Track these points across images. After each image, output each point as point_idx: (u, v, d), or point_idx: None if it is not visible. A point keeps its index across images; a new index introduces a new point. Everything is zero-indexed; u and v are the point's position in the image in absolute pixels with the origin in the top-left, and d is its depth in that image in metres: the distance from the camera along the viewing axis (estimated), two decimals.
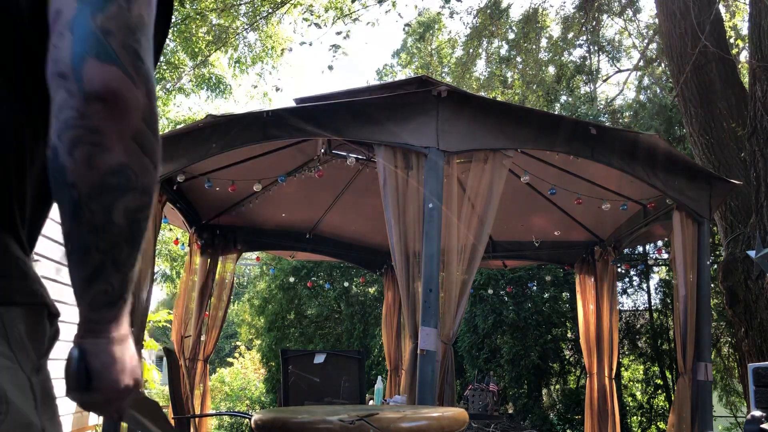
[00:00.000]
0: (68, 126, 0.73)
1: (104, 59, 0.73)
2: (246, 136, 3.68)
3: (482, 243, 3.55)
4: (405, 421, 1.44)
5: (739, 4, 8.41)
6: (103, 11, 0.75)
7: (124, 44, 0.75)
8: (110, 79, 0.73)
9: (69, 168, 0.73)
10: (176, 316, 5.27)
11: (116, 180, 0.75)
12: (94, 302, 0.79)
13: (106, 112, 0.73)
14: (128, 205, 0.77)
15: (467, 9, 23.51)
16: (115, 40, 0.74)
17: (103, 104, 0.73)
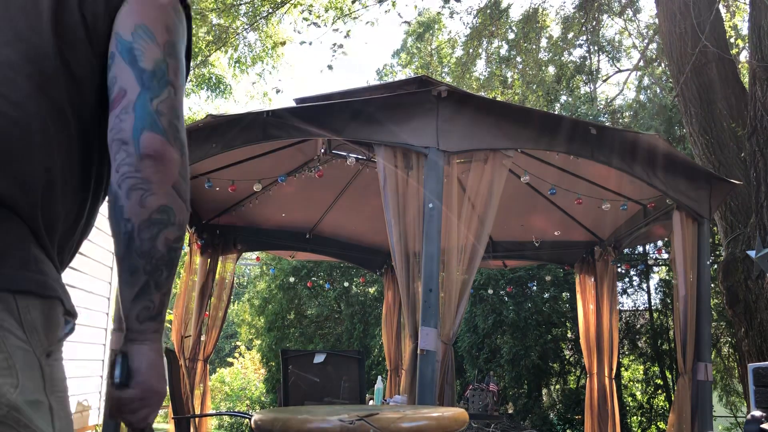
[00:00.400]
0: (126, 177, 0.98)
1: (156, 132, 1.00)
2: (246, 136, 3.68)
3: (482, 243, 3.55)
4: (405, 421, 1.44)
5: (739, 4, 8.42)
6: (159, 97, 1.03)
7: (170, 122, 1.03)
8: (158, 146, 1.00)
9: (126, 207, 0.98)
10: (176, 316, 5.27)
11: (160, 217, 0.99)
12: (140, 316, 0.99)
13: (153, 168, 0.99)
14: (168, 237, 1.00)
15: (467, 9, 23.50)
16: (165, 119, 1.02)
17: (152, 161, 0.99)
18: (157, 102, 1.02)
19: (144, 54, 1.03)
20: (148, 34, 1.05)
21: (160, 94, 1.02)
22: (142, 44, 1.04)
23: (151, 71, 1.03)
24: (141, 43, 1.04)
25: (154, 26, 1.06)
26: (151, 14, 1.06)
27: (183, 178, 1.02)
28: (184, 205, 1.03)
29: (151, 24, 1.05)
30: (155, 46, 1.04)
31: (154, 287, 1.00)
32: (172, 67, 1.05)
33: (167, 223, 1.00)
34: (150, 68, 1.03)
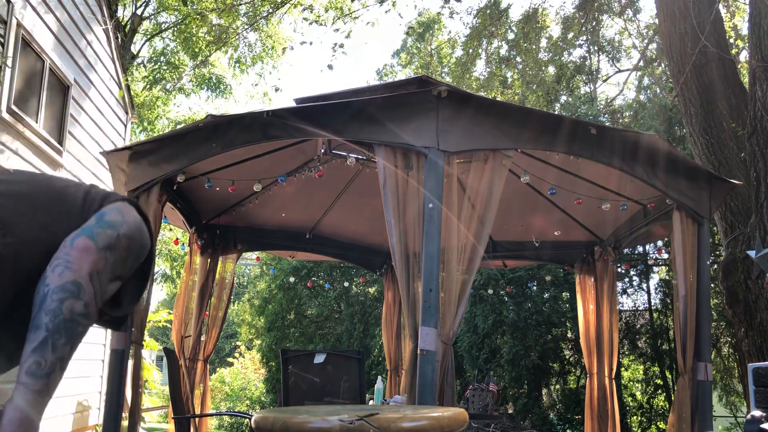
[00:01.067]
0: (56, 259, 1.19)
1: (88, 237, 1.23)
2: (246, 136, 3.68)
3: (482, 243, 3.55)
4: (405, 421, 1.44)
5: (739, 4, 8.42)
6: (101, 227, 1.27)
7: (103, 241, 1.25)
8: (87, 243, 1.22)
9: (49, 277, 1.16)
10: (176, 316, 5.26)
11: (72, 288, 1.16)
12: (29, 368, 1.09)
13: (78, 254, 1.19)
14: (74, 307, 1.15)
15: (467, 9, 23.48)
16: (101, 237, 1.25)
17: (78, 252, 1.20)
18: (98, 229, 1.27)
19: (110, 214, 1.33)
20: (118, 211, 1.36)
21: (102, 228, 1.28)
22: (113, 212, 1.34)
23: (106, 219, 1.31)
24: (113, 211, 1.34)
25: (124, 210, 1.37)
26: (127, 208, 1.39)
27: (99, 279, 1.22)
28: (93, 296, 1.19)
29: (123, 209, 1.37)
30: (120, 216, 1.35)
31: (51, 348, 1.11)
32: (124, 230, 1.32)
33: (76, 295, 1.16)
34: (106, 218, 1.31)
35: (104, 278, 1.25)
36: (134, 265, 1.41)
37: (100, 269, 1.24)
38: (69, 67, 6.28)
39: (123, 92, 7.94)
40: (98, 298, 1.22)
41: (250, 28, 11.01)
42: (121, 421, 3.84)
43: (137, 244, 1.37)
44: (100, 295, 1.23)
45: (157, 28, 14.46)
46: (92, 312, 1.20)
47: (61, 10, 6.11)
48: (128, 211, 1.40)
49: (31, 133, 5.51)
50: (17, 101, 5.27)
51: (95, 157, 7.07)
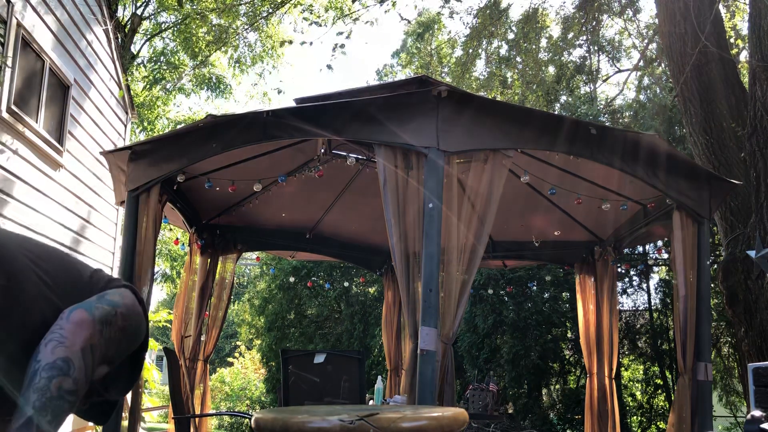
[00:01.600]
0: (50, 333, 1.20)
1: (86, 310, 1.26)
2: (246, 136, 3.68)
3: (482, 243, 3.55)
4: (405, 421, 1.44)
5: (739, 4, 8.41)
6: (101, 303, 1.32)
7: (102, 314, 1.28)
8: (83, 316, 1.24)
9: (41, 352, 1.18)
10: (176, 316, 5.26)
11: (62, 365, 1.17)
12: None
13: (72, 329, 1.21)
14: (62, 384, 1.16)
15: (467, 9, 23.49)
16: (99, 311, 1.28)
17: (72, 325, 1.21)
18: (98, 304, 1.31)
19: (111, 294, 1.38)
20: (120, 294, 1.41)
21: (101, 304, 1.32)
22: (114, 293, 1.39)
23: (107, 298, 1.35)
24: (114, 293, 1.40)
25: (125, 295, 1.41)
26: (127, 293, 1.46)
27: (92, 353, 1.23)
28: (84, 372, 1.20)
29: (124, 293, 1.42)
30: (120, 298, 1.40)
31: (36, 427, 1.12)
32: (122, 311, 1.35)
33: (65, 372, 1.17)
34: (107, 297, 1.36)
35: (97, 353, 1.25)
36: (126, 350, 1.43)
37: (95, 343, 1.25)
38: (69, 67, 6.28)
39: (123, 92, 7.94)
40: (89, 373, 1.23)
41: (250, 28, 11.01)
42: (121, 421, 3.84)
43: (132, 327, 1.40)
44: (92, 369, 1.24)
45: (157, 28, 14.46)
46: (81, 388, 1.20)
47: (61, 10, 6.11)
48: (128, 296, 1.44)
49: (31, 133, 5.51)
50: (17, 101, 5.27)
51: (95, 157, 7.07)
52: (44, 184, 5.85)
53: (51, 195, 5.98)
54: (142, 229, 3.89)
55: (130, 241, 3.87)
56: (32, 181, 5.62)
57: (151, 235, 3.90)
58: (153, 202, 3.92)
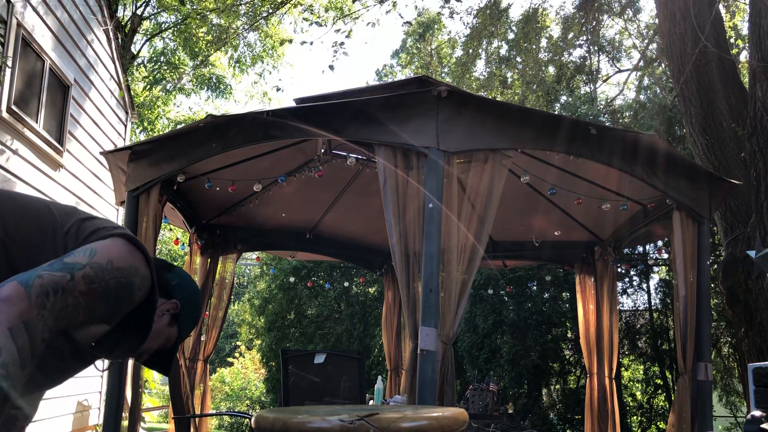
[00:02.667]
0: None
1: (20, 283, 1.15)
2: (246, 136, 3.68)
3: (482, 243, 3.55)
4: (405, 421, 1.44)
5: (739, 4, 8.42)
6: (50, 271, 1.19)
7: (42, 286, 1.16)
8: (11, 291, 1.13)
9: None
10: None
11: None
12: None
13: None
14: None
15: (467, 9, 23.48)
16: (38, 282, 1.16)
17: (0, 302, 1.12)
18: (44, 272, 1.19)
19: (75, 255, 1.26)
20: (91, 251, 1.27)
21: (51, 270, 1.20)
22: (80, 252, 1.27)
23: (64, 261, 1.23)
24: (80, 252, 1.27)
25: (101, 250, 1.28)
26: (107, 245, 1.30)
27: (28, 330, 1.12)
28: (15, 354, 1.09)
29: (100, 248, 1.28)
30: (88, 257, 1.26)
31: None
32: (86, 272, 1.23)
33: None
34: (66, 259, 1.24)
35: (40, 328, 1.14)
36: (119, 308, 1.32)
37: (31, 318, 1.13)
38: (69, 67, 6.28)
39: (123, 92, 7.94)
40: (27, 353, 1.13)
41: (250, 28, 11.01)
42: (121, 421, 3.84)
43: (113, 285, 1.27)
44: (32, 346, 1.13)
45: (157, 28, 14.47)
46: (13, 372, 1.10)
47: (61, 10, 6.11)
48: (109, 250, 1.30)
49: (31, 133, 5.51)
50: (17, 101, 5.27)
51: (95, 157, 7.07)
52: (44, 184, 5.85)
53: (51, 195, 5.98)
54: (142, 229, 3.89)
55: None
56: (32, 181, 5.62)
57: (151, 235, 3.90)
58: (153, 202, 3.93)
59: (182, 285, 1.58)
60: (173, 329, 1.55)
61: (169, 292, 1.54)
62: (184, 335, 1.60)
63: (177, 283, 1.57)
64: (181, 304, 1.55)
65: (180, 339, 1.59)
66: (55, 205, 1.42)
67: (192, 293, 1.60)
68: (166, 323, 1.52)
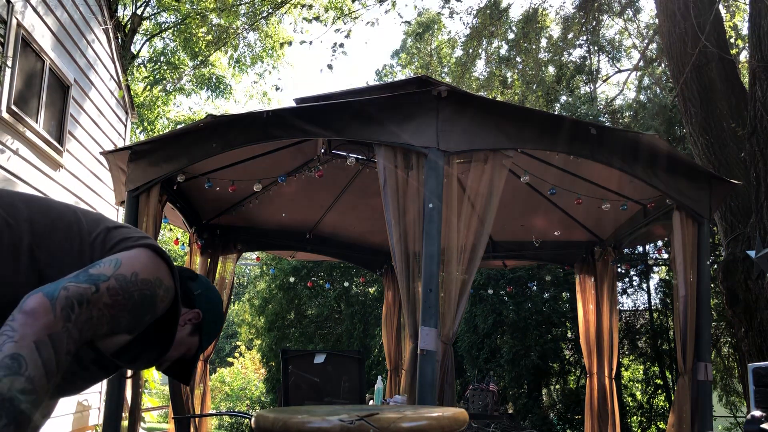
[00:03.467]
0: (5, 323, 1.09)
1: (45, 295, 1.13)
2: (246, 136, 3.68)
3: (482, 243, 3.54)
4: (405, 421, 1.44)
5: (739, 4, 8.41)
6: (74, 282, 1.17)
7: (68, 298, 1.14)
8: (37, 304, 1.11)
9: None
10: None
11: (11, 362, 1.05)
12: None
13: (23, 320, 1.09)
14: (13, 385, 1.04)
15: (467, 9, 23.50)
16: (64, 293, 1.14)
17: (24, 316, 1.09)
18: (69, 283, 1.17)
19: (100, 266, 1.24)
20: (116, 262, 1.26)
21: (77, 282, 1.18)
22: (105, 263, 1.26)
23: (90, 272, 1.22)
24: (106, 262, 1.26)
25: (125, 261, 1.27)
26: (132, 256, 1.30)
27: (54, 343, 1.10)
28: (42, 367, 1.08)
29: (125, 260, 1.28)
30: (113, 268, 1.25)
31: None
32: (111, 284, 1.22)
33: (15, 371, 1.04)
34: (92, 270, 1.22)
35: (64, 341, 1.12)
36: (142, 319, 1.32)
37: (57, 331, 1.12)
38: (69, 67, 6.28)
39: (123, 92, 7.94)
40: (53, 365, 1.11)
41: (250, 28, 11.00)
42: (121, 421, 3.84)
43: (138, 297, 1.27)
44: (58, 360, 1.11)
45: (157, 28, 14.47)
46: (39, 386, 1.08)
47: (61, 10, 6.11)
48: (134, 261, 1.29)
49: (31, 133, 5.51)
50: (17, 101, 5.27)
51: (95, 157, 7.07)
52: (44, 185, 5.85)
53: (51, 195, 5.98)
54: (142, 229, 3.89)
55: None
56: (32, 181, 5.62)
57: (151, 235, 3.90)
58: (153, 202, 3.92)
59: (206, 295, 1.59)
60: (194, 339, 1.55)
61: (192, 302, 1.54)
62: (206, 345, 1.59)
63: (201, 292, 1.57)
64: (203, 314, 1.55)
65: (201, 349, 1.59)
66: (83, 211, 1.41)
67: (215, 304, 1.61)
68: (188, 333, 1.53)
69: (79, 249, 1.30)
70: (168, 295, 1.36)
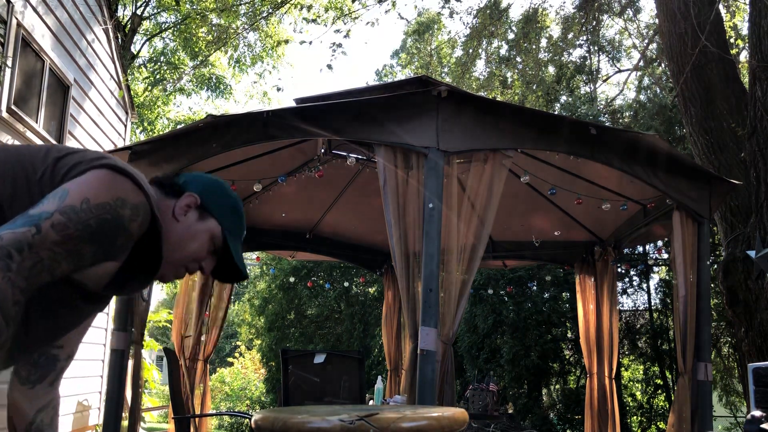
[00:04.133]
0: None
1: None
2: (246, 136, 3.68)
3: (482, 243, 3.54)
4: (405, 421, 1.44)
5: (739, 4, 8.41)
6: (13, 226, 1.09)
7: (2, 247, 1.05)
8: None
9: None
10: (176, 316, 5.26)
11: None
12: None
13: None
14: None
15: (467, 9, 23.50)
16: (3, 240, 1.06)
17: None
18: (4, 232, 1.08)
19: (43, 203, 1.13)
20: (62, 194, 1.14)
21: (13, 228, 1.08)
22: (49, 198, 1.14)
23: (29, 213, 1.11)
24: (50, 198, 1.14)
25: (74, 190, 1.15)
26: (82, 182, 1.17)
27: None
28: None
29: (73, 188, 1.15)
30: (58, 201, 1.13)
31: None
32: (56, 219, 1.10)
33: None
34: (32, 211, 1.11)
35: (14, 290, 1.06)
36: (115, 245, 1.20)
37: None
38: (69, 67, 6.28)
39: (123, 92, 7.94)
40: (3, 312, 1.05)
41: (250, 28, 11.01)
42: (121, 421, 3.84)
43: (95, 225, 1.15)
44: (9, 310, 1.06)
45: (157, 28, 14.47)
46: None
47: (61, 10, 6.11)
48: (83, 187, 1.17)
49: (31, 133, 5.51)
50: (17, 101, 5.27)
51: None
52: None
53: None
54: None
55: None
56: None
57: None
58: None
59: (194, 180, 1.44)
60: (209, 222, 1.39)
61: (179, 193, 1.40)
62: (227, 222, 1.42)
63: (186, 180, 1.43)
64: (200, 194, 1.40)
65: (225, 228, 1.41)
66: (29, 148, 1.29)
67: (209, 181, 1.45)
68: (195, 219, 1.38)
69: (28, 192, 1.19)
70: (140, 212, 1.22)
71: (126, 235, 1.21)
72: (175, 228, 1.36)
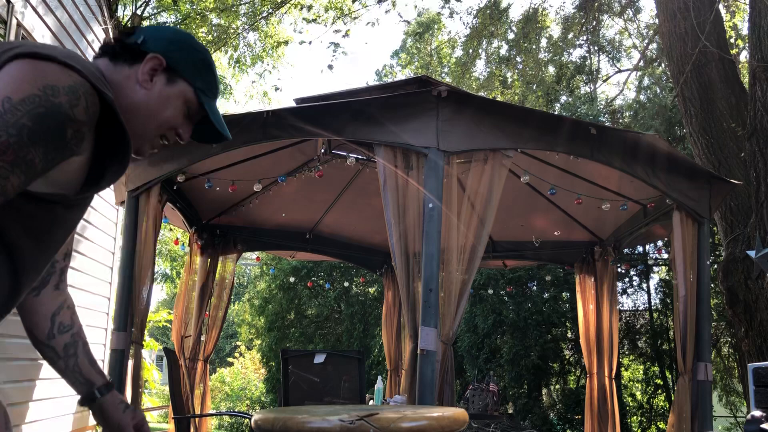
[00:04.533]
0: None
1: None
2: (246, 136, 3.68)
3: (482, 243, 3.55)
4: (405, 421, 1.44)
5: (739, 4, 8.41)
6: None
7: None
8: None
9: None
10: (176, 316, 5.26)
11: None
12: None
13: None
14: None
15: (467, 9, 23.51)
16: None
17: None
18: None
19: None
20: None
21: None
22: None
23: None
24: None
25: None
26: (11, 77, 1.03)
27: None
28: None
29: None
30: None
31: None
32: None
33: None
34: None
35: None
36: (64, 137, 1.04)
37: None
38: None
39: None
40: None
41: (250, 28, 11.01)
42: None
43: (30, 123, 0.99)
44: None
45: None
46: None
47: (61, 10, 6.11)
48: (2, 86, 1.00)
49: None
50: None
51: None
52: None
53: None
54: (142, 229, 3.89)
55: (130, 241, 3.87)
56: None
57: (151, 235, 3.90)
58: (153, 202, 3.93)
59: (154, 36, 1.25)
60: (179, 85, 1.25)
61: (140, 55, 1.22)
62: (199, 82, 1.27)
63: (145, 38, 1.24)
64: (163, 55, 1.23)
65: (198, 89, 1.27)
66: None
67: (172, 36, 1.27)
68: (163, 84, 1.23)
69: None
70: (82, 93, 1.06)
71: (74, 125, 1.05)
72: (143, 97, 1.22)
